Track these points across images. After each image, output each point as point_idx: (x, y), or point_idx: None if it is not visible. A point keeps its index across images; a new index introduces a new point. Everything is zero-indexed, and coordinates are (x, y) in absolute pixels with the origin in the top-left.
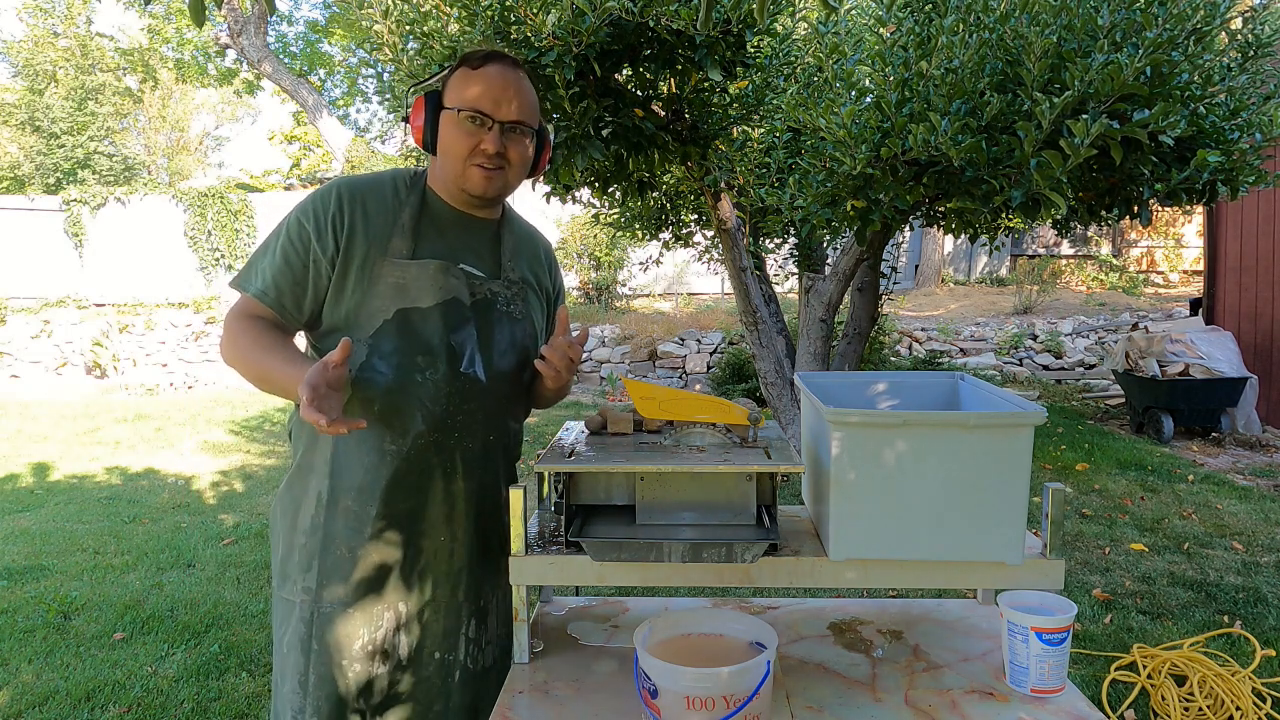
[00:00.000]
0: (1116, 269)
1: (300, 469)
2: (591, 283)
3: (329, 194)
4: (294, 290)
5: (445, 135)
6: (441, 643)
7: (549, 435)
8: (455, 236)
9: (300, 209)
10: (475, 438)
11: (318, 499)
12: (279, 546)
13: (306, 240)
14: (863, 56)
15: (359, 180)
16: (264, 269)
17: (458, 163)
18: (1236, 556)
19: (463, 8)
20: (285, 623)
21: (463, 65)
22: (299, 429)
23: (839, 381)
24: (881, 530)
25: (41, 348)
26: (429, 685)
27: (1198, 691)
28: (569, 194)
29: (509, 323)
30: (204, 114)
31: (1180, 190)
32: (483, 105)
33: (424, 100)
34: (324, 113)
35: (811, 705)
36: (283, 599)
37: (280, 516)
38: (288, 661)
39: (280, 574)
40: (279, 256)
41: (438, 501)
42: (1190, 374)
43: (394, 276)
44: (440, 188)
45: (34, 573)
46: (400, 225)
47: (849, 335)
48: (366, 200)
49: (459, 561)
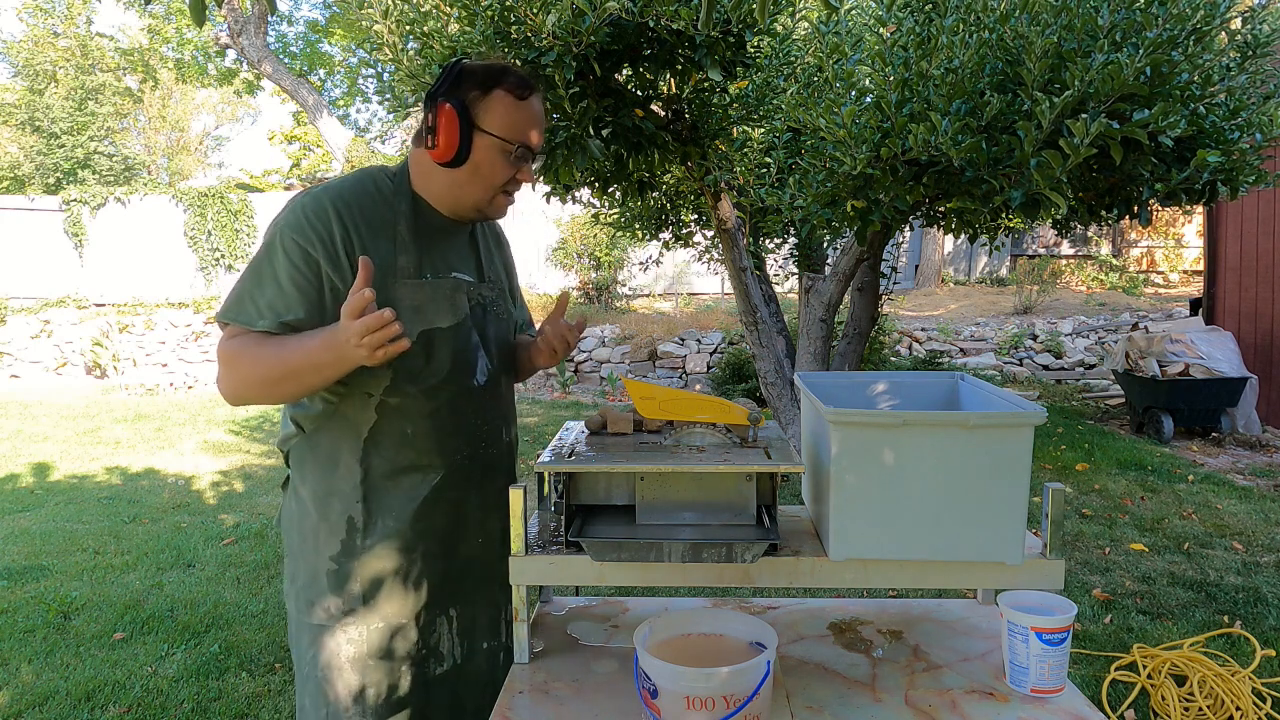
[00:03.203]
0: (1116, 269)
1: (322, 495)
2: (591, 283)
3: (324, 211)
4: (314, 323)
5: (484, 161)
6: (487, 631)
7: (549, 435)
8: (446, 245)
9: (294, 229)
10: (497, 443)
11: (349, 524)
12: (300, 573)
13: (315, 265)
14: (863, 56)
15: (346, 190)
16: (271, 303)
17: (491, 190)
18: (1236, 556)
19: (463, 8)
20: (317, 645)
21: (500, 88)
22: (310, 454)
23: (839, 381)
24: (881, 530)
25: (41, 348)
26: (479, 674)
27: (1198, 691)
28: (569, 194)
29: (498, 324)
30: (204, 114)
31: (1180, 190)
32: (531, 139)
33: (455, 114)
34: (324, 113)
35: (811, 705)
36: (311, 624)
37: (300, 541)
38: (334, 681)
39: (305, 600)
40: (288, 285)
41: (474, 508)
42: (1190, 374)
43: (410, 299)
44: (434, 196)
45: (34, 573)
46: (401, 239)
47: (849, 335)
48: (365, 214)
49: (493, 556)
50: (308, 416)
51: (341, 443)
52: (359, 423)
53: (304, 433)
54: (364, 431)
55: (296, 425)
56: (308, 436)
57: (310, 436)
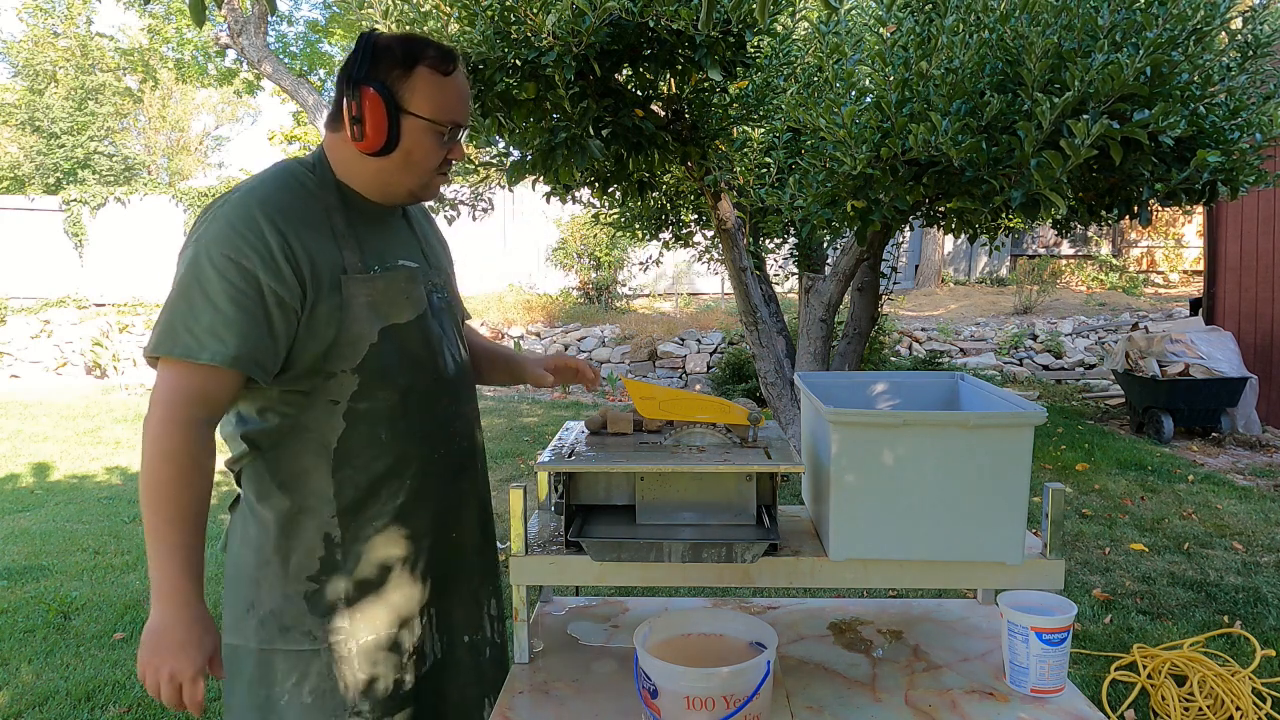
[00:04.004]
0: (1116, 269)
1: (287, 515)
2: (591, 283)
3: (253, 221)
4: (265, 344)
5: (414, 144)
6: (465, 625)
7: (549, 435)
8: (385, 233)
9: (223, 244)
10: (468, 434)
11: (326, 541)
12: (262, 600)
13: (254, 282)
14: (863, 56)
15: (270, 192)
16: (210, 328)
17: (425, 174)
18: (1236, 556)
19: (462, 8)
20: (299, 671)
21: (422, 65)
22: (269, 472)
23: (839, 381)
24: (881, 530)
25: (41, 348)
26: (461, 667)
27: (1198, 691)
28: (569, 194)
29: (450, 311)
30: (204, 114)
31: (1180, 190)
32: (460, 116)
33: (380, 99)
34: (324, 113)
35: (811, 705)
36: (286, 652)
37: (260, 566)
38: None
39: (275, 628)
40: (228, 307)
41: (453, 505)
42: (1190, 374)
43: (364, 295)
44: (362, 184)
45: (34, 573)
46: (338, 233)
47: (849, 335)
48: (296, 214)
49: (473, 548)
50: (261, 433)
51: (305, 457)
52: (325, 433)
53: (259, 450)
54: (332, 442)
55: (249, 443)
56: (264, 454)
57: (267, 454)
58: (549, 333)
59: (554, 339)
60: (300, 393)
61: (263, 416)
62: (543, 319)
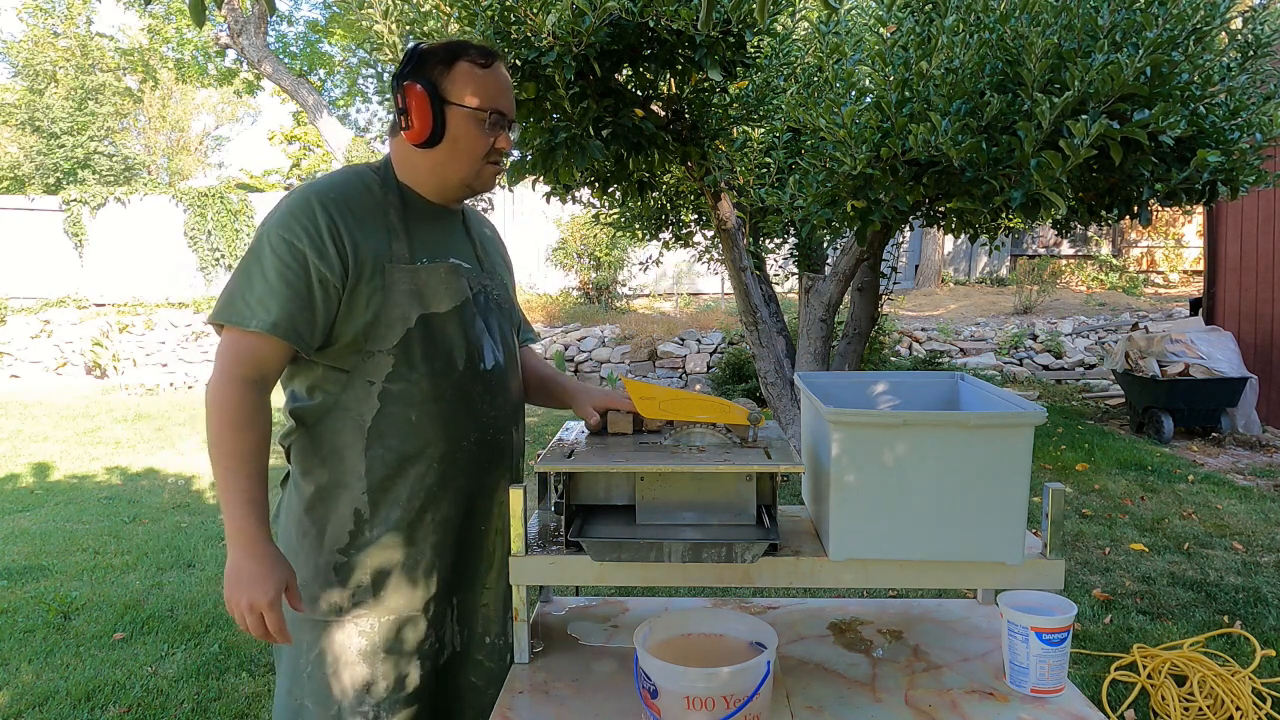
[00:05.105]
0: (1116, 269)
1: (324, 489)
2: (591, 283)
3: (309, 207)
4: (306, 316)
5: (460, 134)
6: (488, 621)
7: (549, 435)
8: (439, 232)
9: (281, 227)
10: (503, 430)
11: (356, 516)
12: (300, 568)
13: (303, 260)
14: (863, 56)
15: (332, 186)
16: (260, 299)
17: (474, 163)
18: (1236, 556)
19: (463, 8)
20: (322, 641)
21: (463, 60)
22: (312, 447)
23: (839, 381)
24: (881, 530)
25: (41, 348)
26: (487, 671)
27: (1198, 691)
28: (569, 194)
29: (500, 314)
30: (204, 114)
31: (1180, 190)
32: (502, 105)
33: (424, 92)
34: (324, 113)
35: (811, 705)
36: (313, 620)
37: (301, 536)
38: (341, 676)
39: (306, 596)
40: (277, 282)
41: (485, 496)
42: (1190, 374)
43: (407, 283)
44: (419, 182)
45: (34, 573)
46: (391, 227)
47: (849, 335)
48: (351, 206)
49: (499, 546)
50: (308, 409)
51: (344, 434)
52: (361, 412)
53: (305, 426)
54: (367, 420)
55: (297, 420)
56: (309, 430)
57: (312, 429)
58: (549, 333)
59: (554, 339)
60: (342, 370)
61: (310, 394)
62: (543, 319)
